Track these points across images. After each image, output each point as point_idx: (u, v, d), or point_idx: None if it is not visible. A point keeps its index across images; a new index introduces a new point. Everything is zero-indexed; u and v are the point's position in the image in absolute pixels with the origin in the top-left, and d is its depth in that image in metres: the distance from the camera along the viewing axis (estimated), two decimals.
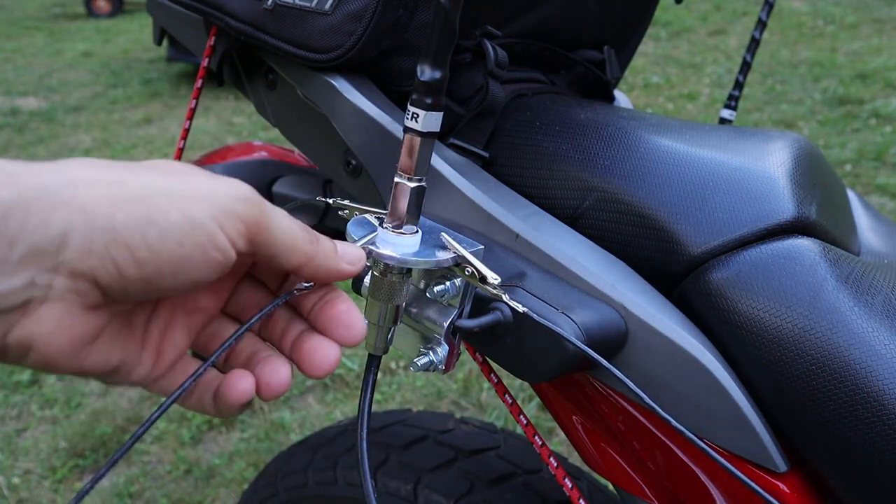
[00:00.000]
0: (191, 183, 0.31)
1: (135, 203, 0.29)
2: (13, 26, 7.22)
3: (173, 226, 0.29)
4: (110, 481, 1.64)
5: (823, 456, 0.40)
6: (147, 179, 0.30)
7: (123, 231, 0.28)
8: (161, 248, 0.29)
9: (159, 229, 0.29)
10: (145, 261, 0.29)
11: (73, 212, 0.27)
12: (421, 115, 0.36)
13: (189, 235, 0.29)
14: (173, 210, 0.29)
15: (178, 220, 0.29)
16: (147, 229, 0.28)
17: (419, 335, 0.45)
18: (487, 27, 0.54)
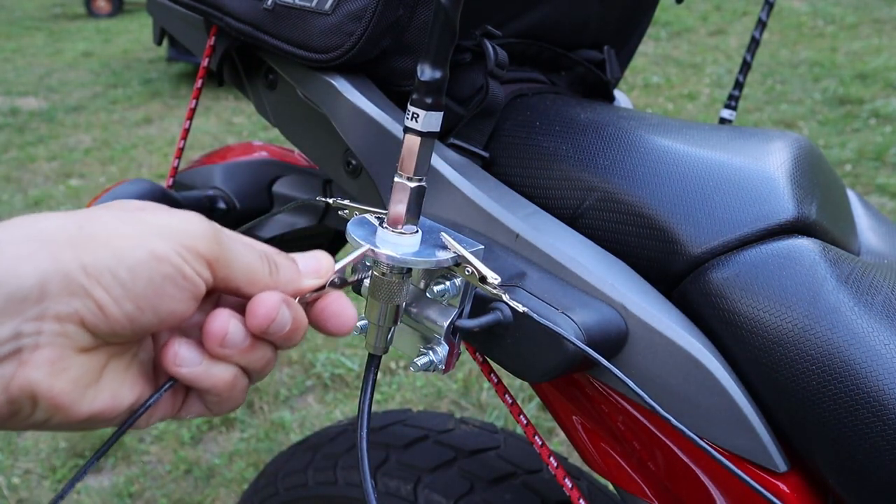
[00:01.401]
0: (148, 221, 0.31)
1: (97, 245, 0.29)
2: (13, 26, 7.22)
3: (140, 263, 0.30)
4: (110, 481, 1.64)
5: (823, 456, 0.40)
6: (104, 222, 0.30)
7: (94, 272, 0.29)
8: (134, 285, 0.30)
9: (127, 267, 0.29)
10: (122, 298, 0.29)
11: (41, 261, 0.28)
12: (421, 115, 0.36)
13: (157, 270, 0.30)
14: (137, 247, 0.30)
15: (143, 256, 0.30)
16: (116, 268, 0.29)
17: (419, 335, 0.45)
18: (487, 27, 0.54)
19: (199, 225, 0.32)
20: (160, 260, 0.30)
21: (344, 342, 2.09)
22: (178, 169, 0.73)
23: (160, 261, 0.30)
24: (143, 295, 0.30)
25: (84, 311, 0.29)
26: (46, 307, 0.28)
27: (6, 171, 3.54)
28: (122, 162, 3.63)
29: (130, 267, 0.29)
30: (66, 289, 0.28)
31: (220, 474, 1.65)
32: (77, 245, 0.29)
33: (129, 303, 0.30)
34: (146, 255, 0.30)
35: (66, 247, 0.29)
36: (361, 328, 0.43)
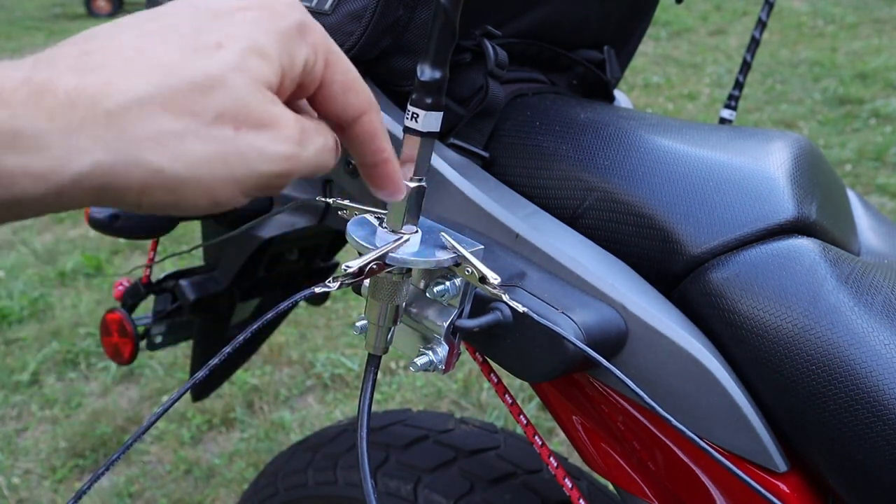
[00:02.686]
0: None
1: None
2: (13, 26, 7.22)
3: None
4: (110, 481, 1.64)
5: (823, 456, 0.40)
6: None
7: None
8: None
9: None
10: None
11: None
12: (421, 115, 0.36)
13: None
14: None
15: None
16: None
17: (419, 335, 0.45)
18: (487, 27, 0.54)
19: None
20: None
21: (344, 342, 2.09)
22: None
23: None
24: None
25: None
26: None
27: None
28: None
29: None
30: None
31: (220, 474, 1.65)
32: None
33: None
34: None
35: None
36: (361, 328, 0.43)
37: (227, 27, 0.29)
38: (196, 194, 0.28)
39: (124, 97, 0.26)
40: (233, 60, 0.28)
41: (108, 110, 0.26)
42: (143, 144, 0.26)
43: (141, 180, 0.26)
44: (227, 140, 0.27)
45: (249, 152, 0.28)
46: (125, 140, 0.26)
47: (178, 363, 1.99)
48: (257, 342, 1.09)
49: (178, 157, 0.27)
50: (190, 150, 0.27)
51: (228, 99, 0.27)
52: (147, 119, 0.26)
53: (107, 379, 1.96)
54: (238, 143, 0.28)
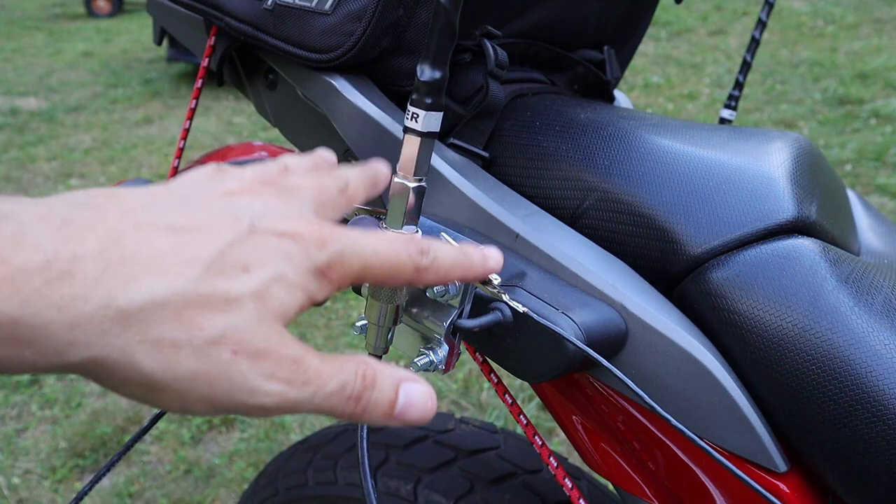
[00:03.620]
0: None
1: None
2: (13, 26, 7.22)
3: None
4: (110, 481, 1.64)
5: (823, 456, 0.40)
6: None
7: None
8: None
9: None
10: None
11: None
12: (421, 115, 0.36)
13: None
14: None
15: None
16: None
17: (419, 335, 0.45)
18: (487, 27, 0.54)
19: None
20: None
21: (344, 342, 2.09)
22: (179, 169, 0.73)
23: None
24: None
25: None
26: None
27: (6, 171, 3.54)
28: (122, 162, 3.63)
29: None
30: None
31: (220, 474, 1.65)
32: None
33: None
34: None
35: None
36: (361, 328, 0.43)
37: (259, 251, 0.28)
38: (170, 401, 0.27)
39: (142, 298, 0.25)
40: (255, 287, 0.27)
41: (120, 308, 0.25)
42: (142, 347, 0.25)
43: (125, 377, 0.26)
44: (221, 363, 0.26)
45: (236, 380, 0.27)
46: (126, 339, 0.25)
47: None
48: None
49: (168, 367, 0.26)
50: (182, 362, 0.26)
51: (237, 322, 0.27)
52: (154, 323, 0.25)
53: None
54: (230, 368, 0.27)
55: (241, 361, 0.27)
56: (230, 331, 0.26)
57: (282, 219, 0.29)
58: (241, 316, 0.27)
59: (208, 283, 0.26)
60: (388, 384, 0.30)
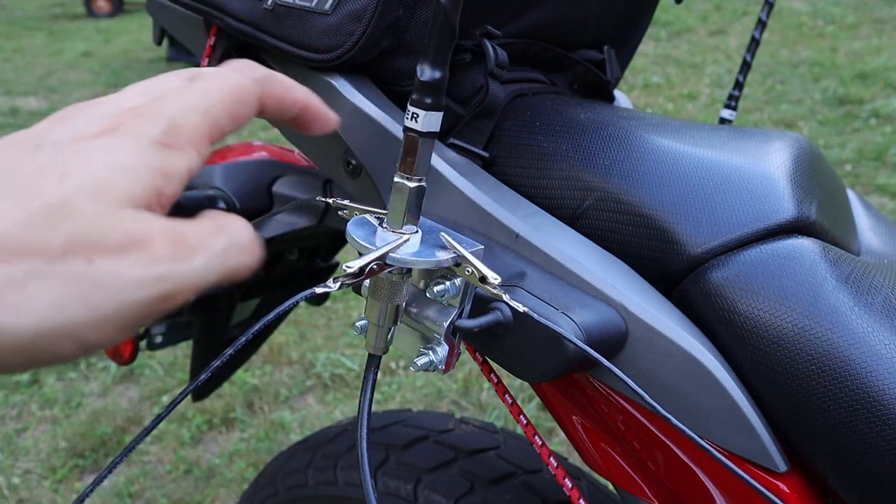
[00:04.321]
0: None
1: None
2: (13, 26, 7.22)
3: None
4: (110, 481, 1.64)
5: (823, 456, 0.40)
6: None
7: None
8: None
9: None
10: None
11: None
12: (421, 115, 0.36)
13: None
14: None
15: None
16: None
17: (419, 335, 0.45)
18: (487, 27, 0.54)
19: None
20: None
21: (344, 342, 2.09)
22: None
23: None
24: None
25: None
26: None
27: None
28: None
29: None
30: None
31: (220, 474, 1.65)
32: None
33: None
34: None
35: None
36: (361, 328, 0.43)
37: (74, 157, 0.25)
38: (57, 345, 0.23)
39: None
40: (83, 184, 0.24)
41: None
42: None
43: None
44: (81, 275, 0.23)
45: (110, 283, 0.23)
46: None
47: (178, 363, 1.99)
48: (257, 342, 1.09)
49: (20, 311, 0.22)
50: (35, 297, 0.22)
51: (77, 226, 0.23)
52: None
53: (107, 379, 1.96)
54: (94, 274, 0.23)
55: (103, 263, 0.23)
56: (73, 238, 0.23)
57: (93, 123, 0.27)
58: (79, 218, 0.23)
59: (23, 209, 0.23)
60: (240, 226, 0.28)
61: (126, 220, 0.24)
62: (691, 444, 0.43)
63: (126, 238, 0.24)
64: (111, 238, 0.24)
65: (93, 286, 0.23)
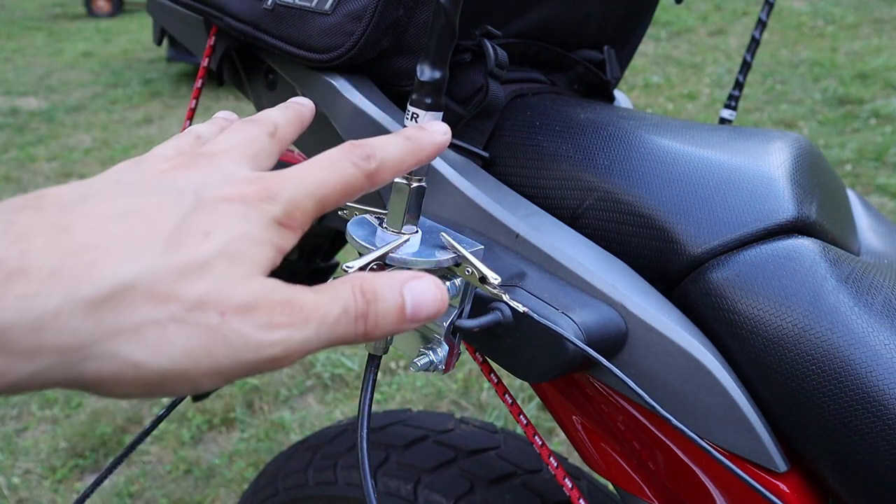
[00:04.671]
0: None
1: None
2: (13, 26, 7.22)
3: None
4: (110, 481, 1.64)
5: (823, 456, 0.40)
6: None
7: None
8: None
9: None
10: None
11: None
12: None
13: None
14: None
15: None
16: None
17: (419, 335, 0.45)
18: (487, 27, 0.54)
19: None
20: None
21: None
22: None
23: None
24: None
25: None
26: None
27: (6, 171, 3.54)
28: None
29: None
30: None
31: (220, 474, 1.65)
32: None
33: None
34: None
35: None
36: None
37: (213, 217, 0.27)
38: (176, 386, 0.25)
39: (109, 284, 0.24)
40: (221, 247, 0.26)
41: (87, 299, 0.23)
42: (121, 337, 0.24)
43: (115, 374, 0.24)
44: (213, 327, 0.25)
45: (235, 340, 0.25)
46: (102, 332, 0.23)
47: None
48: None
49: (158, 351, 0.24)
50: (172, 341, 0.24)
51: (214, 283, 0.25)
52: (128, 309, 0.24)
53: None
54: (223, 329, 0.25)
55: (232, 320, 0.25)
56: (210, 293, 0.25)
57: (223, 184, 0.29)
58: (216, 276, 0.26)
59: (173, 256, 0.25)
60: (390, 291, 0.29)
61: (253, 284, 0.27)
62: (691, 444, 0.43)
63: (252, 301, 0.26)
64: (240, 299, 0.26)
65: (220, 340, 0.25)
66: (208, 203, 0.28)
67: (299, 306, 0.27)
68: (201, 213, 0.27)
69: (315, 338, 0.27)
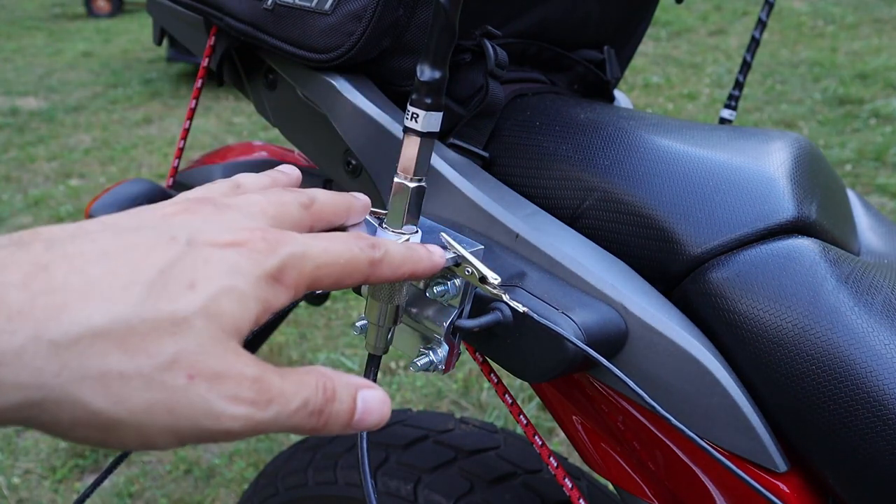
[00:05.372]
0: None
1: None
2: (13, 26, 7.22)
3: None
4: (110, 481, 1.64)
5: (823, 456, 0.40)
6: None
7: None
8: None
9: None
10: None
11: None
12: (421, 115, 0.36)
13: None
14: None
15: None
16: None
17: (419, 335, 0.45)
18: (487, 27, 0.54)
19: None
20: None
21: (344, 342, 2.09)
22: (178, 169, 0.73)
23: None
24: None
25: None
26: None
27: (6, 171, 3.54)
28: (122, 162, 3.63)
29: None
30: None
31: (220, 474, 1.65)
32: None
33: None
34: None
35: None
36: (361, 328, 0.43)
37: (202, 266, 0.26)
38: (129, 438, 0.25)
39: (77, 328, 0.23)
40: (203, 304, 0.25)
41: (53, 340, 0.23)
42: (86, 384, 0.23)
43: (73, 418, 0.23)
44: (178, 389, 0.24)
45: (198, 405, 0.25)
46: (65, 377, 0.23)
47: None
48: (257, 342, 1.09)
49: (120, 401, 0.24)
50: (134, 395, 0.24)
51: (189, 344, 0.25)
52: (96, 355, 0.23)
53: None
54: (189, 393, 0.25)
55: (199, 385, 0.25)
56: (182, 354, 0.25)
57: (223, 231, 0.28)
58: (193, 336, 0.25)
59: (151, 306, 0.24)
60: (347, 394, 0.29)
61: (229, 351, 0.26)
62: (691, 444, 0.43)
63: (224, 370, 0.25)
64: (212, 365, 0.25)
65: (183, 402, 0.25)
66: (200, 249, 0.27)
67: (266, 386, 0.26)
68: (191, 259, 0.26)
69: (273, 421, 0.27)
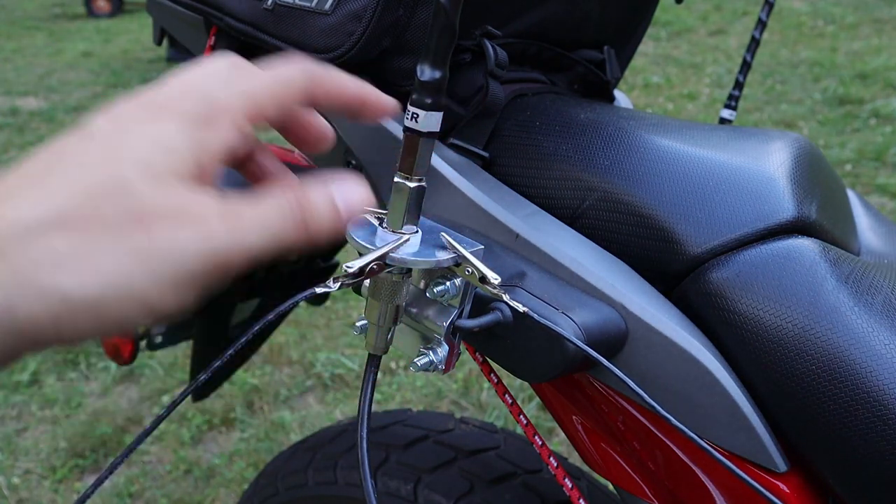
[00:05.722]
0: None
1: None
2: (13, 26, 7.22)
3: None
4: (110, 482, 1.64)
5: (823, 456, 0.40)
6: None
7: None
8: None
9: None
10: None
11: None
12: (421, 115, 0.36)
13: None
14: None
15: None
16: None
17: (419, 335, 0.45)
18: (487, 27, 0.54)
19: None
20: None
21: (344, 342, 2.09)
22: None
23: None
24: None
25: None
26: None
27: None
28: None
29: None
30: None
31: (220, 474, 1.65)
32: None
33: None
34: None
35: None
36: (361, 328, 0.43)
37: (119, 138, 0.27)
38: (124, 310, 0.25)
39: (15, 227, 0.24)
40: (131, 163, 0.26)
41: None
42: (40, 272, 0.23)
43: (49, 312, 0.23)
44: (142, 247, 0.25)
45: (171, 251, 0.25)
46: (19, 272, 0.23)
47: (178, 363, 1.99)
48: (258, 342, 1.09)
49: (86, 278, 0.24)
50: (100, 266, 0.24)
51: (133, 200, 0.25)
52: (41, 244, 0.24)
53: (107, 379, 1.96)
54: (156, 244, 0.25)
55: (161, 234, 0.25)
56: (129, 210, 0.25)
57: (136, 110, 0.29)
58: (132, 192, 0.25)
59: (83, 184, 0.25)
60: (321, 195, 0.30)
61: (177, 193, 0.26)
62: (691, 444, 0.43)
63: (179, 210, 0.26)
64: (165, 210, 0.25)
65: (153, 255, 0.25)
66: (115, 132, 0.28)
67: (237, 216, 0.27)
68: (108, 141, 0.27)
69: (254, 244, 0.27)
